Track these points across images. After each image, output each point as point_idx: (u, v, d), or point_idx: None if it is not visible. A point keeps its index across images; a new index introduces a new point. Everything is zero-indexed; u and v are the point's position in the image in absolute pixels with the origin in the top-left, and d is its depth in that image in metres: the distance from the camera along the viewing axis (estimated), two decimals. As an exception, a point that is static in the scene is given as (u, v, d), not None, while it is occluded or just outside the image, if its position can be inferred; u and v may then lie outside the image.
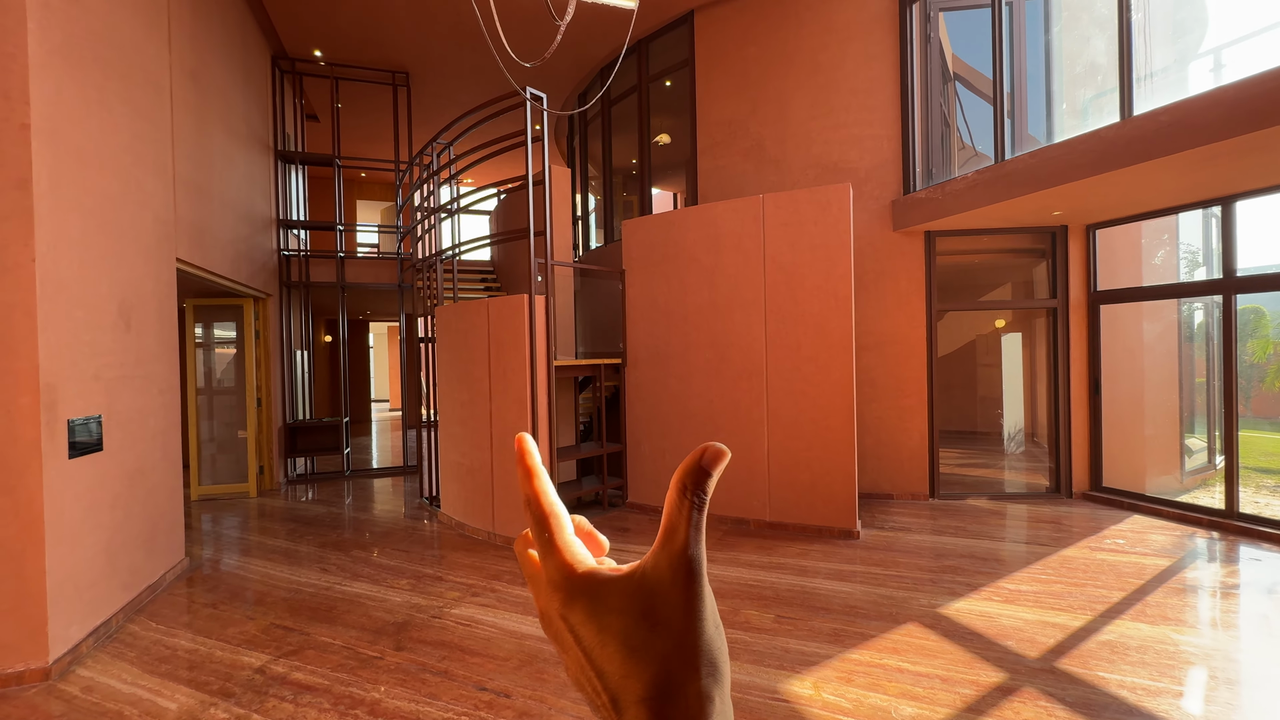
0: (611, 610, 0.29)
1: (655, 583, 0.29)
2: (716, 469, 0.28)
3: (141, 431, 3.81)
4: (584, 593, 0.30)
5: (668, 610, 0.28)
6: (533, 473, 0.33)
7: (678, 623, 0.28)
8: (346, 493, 6.78)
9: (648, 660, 0.28)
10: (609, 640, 0.29)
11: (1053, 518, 5.10)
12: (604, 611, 0.29)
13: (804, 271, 4.78)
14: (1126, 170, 4.00)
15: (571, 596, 0.30)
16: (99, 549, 3.31)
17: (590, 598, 0.30)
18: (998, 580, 3.75)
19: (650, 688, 0.27)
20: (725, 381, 5.10)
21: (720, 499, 5.13)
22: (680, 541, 0.28)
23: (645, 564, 0.30)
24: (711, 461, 0.28)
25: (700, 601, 0.29)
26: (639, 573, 0.30)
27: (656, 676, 0.27)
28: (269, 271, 6.76)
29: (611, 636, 0.29)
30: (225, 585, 4.03)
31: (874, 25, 5.78)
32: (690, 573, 0.28)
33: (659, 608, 0.28)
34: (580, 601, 0.30)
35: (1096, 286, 5.56)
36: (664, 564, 0.29)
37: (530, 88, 4.54)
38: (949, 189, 5.15)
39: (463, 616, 3.41)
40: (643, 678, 0.27)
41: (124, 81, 3.72)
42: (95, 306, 3.34)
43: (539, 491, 0.33)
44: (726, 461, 0.29)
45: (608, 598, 0.29)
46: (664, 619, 0.28)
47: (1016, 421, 7.82)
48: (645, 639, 0.28)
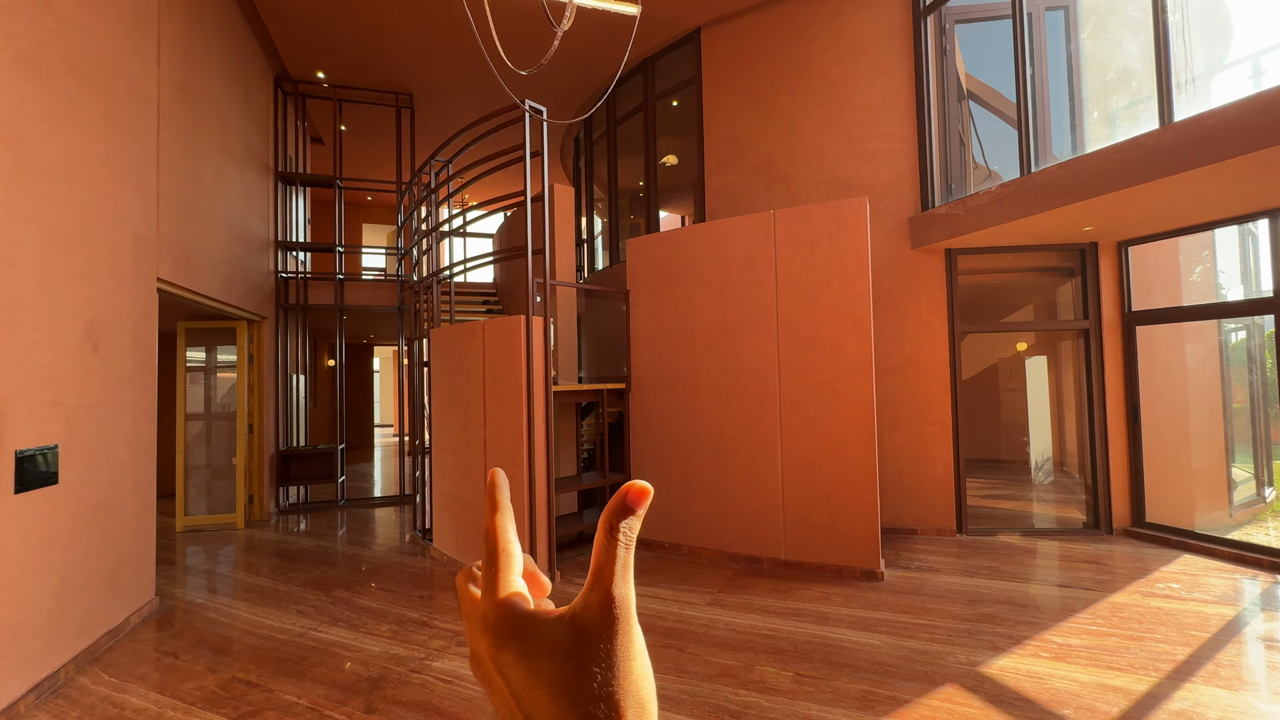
0: (541, 652, 0.29)
1: (584, 623, 0.29)
2: (641, 507, 0.30)
3: (107, 462, 3.55)
4: (515, 634, 0.30)
5: (596, 651, 0.28)
6: (498, 508, 0.34)
7: (605, 664, 0.28)
8: (339, 524, 6.47)
9: (575, 702, 0.27)
10: (538, 683, 0.28)
11: (1094, 557, 4.68)
12: (534, 653, 0.29)
13: (819, 291, 4.50)
14: (1168, 180, 3.70)
15: (503, 638, 0.30)
16: (48, 593, 3.02)
17: (521, 640, 0.30)
18: (1043, 632, 3.35)
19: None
20: (736, 408, 4.78)
21: (732, 535, 4.77)
22: (607, 581, 0.29)
23: (575, 606, 0.30)
24: (635, 500, 0.29)
25: (628, 640, 0.29)
26: (569, 615, 0.30)
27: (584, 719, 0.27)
28: (264, 293, 6.57)
29: (540, 679, 0.28)
30: (193, 630, 3.72)
31: (887, 38, 5.59)
32: (617, 612, 0.29)
33: (587, 649, 0.28)
34: (511, 643, 0.30)
35: (1131, 306, 5.21)
36: (593, 604, 0.29)
37: (530, 101, 4.36)
38: (971, 204, 4.87)
39: (445, 671, 3.06)
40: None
41: (103, 94, 3.56)
42: (56, 327, 3.11)
43: (498, 528, 0.34)
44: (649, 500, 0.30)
45: (538, 640, 0.29)
46: (592, 660, 0.28)
47: (1044, 450, 7.39)
48: (573, 681, 0.28)
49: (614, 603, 0.29)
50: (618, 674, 0.28)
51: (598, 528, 0.30)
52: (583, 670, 0.28)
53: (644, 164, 7.23)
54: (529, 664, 0.29)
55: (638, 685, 0.28)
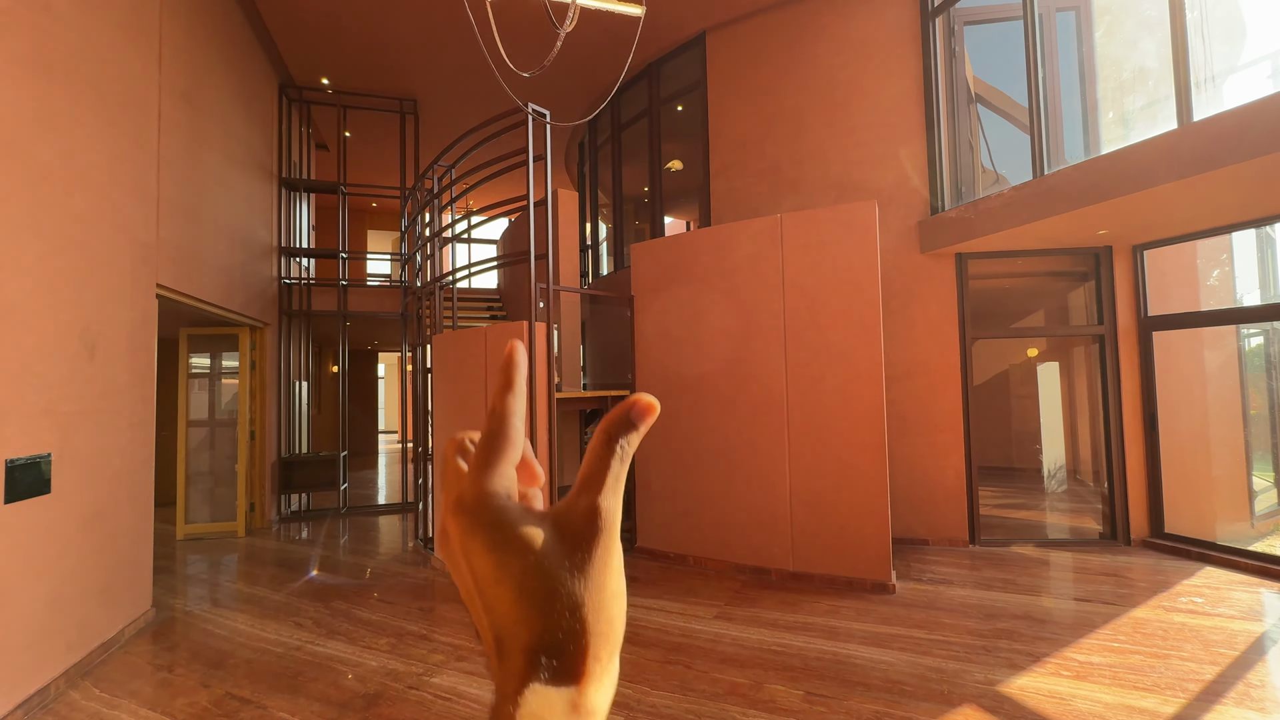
0: (512, 549, 0.27)
1: (564, 528, 0.28)
2: (644, 423, 0.29)
3: (103, 471, 3.49)
4: (489, 525, 0.27)
5: (571, 559, 0.27)
6: (511, 387, 0.31)
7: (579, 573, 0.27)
8: (340, 532, 6.40)
9: (540, 609, 0.26)
10: (504, 579, 0.27)
11: (1112, 569, 4.54)
12: (504, 548, 0.27)
13: (827, 296, 4.40)
14: (1186, 182, 3.60)
15: (475, 525, 0.28)
16: (40, 605, 2.95)
17: (494, 531, 0.27)
18: (1063, 649, 3.23)
19: (538, 638, 0.26)
20: (742, 415, 4.68)
21: (739, 545, 4.66)
22: (595, 491, 0.28)
23: (558, 508, 0.29)
24: (640, 415, 0.28)
25: (606, 555, 0.28)
26: (550, 516, 0.28)
27: (547, 628, 0.26)
28: (267, 300, 6.54)
29: (508, 576, 0.27)
30: (188, 642, 3.64)
31: (894, 41, 5.52)
32: (601, 523, 0.28)
33: (562, 555, 0.27)
34: (483, 533, 0.27)
35: (1147, 311, 5.09)
36: (578, 511, 0.28)
37: (533, 104, 4.31)
38: (982, 207, 4.78)
39: (443, 688, 2.97)
40: (533, 626, 0.26)
41: (102, 98, 3.53)
42: (51, 334, 3.05)
43: (508, 410, 0.30)
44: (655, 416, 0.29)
45: (512, 536, 0.27)
46: (565, 567, 0.27)
47: (1057, 458, 7.25)
48: (541, 585, 0.26)
49: (599, 513, 0.28)
50: (590, 586, 0.27)
51: (594, 435, 0.29)
52: (554, 576, 0.27)
53: (649, 169, 7.17)
54: (498, 558, 0.27)
55: (609, 602, 0.27)
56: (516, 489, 0.30)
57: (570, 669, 0.25)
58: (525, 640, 0.26)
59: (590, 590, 0.27)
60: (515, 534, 0.27)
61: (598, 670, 0.26)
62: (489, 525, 0.27)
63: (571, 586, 0.26)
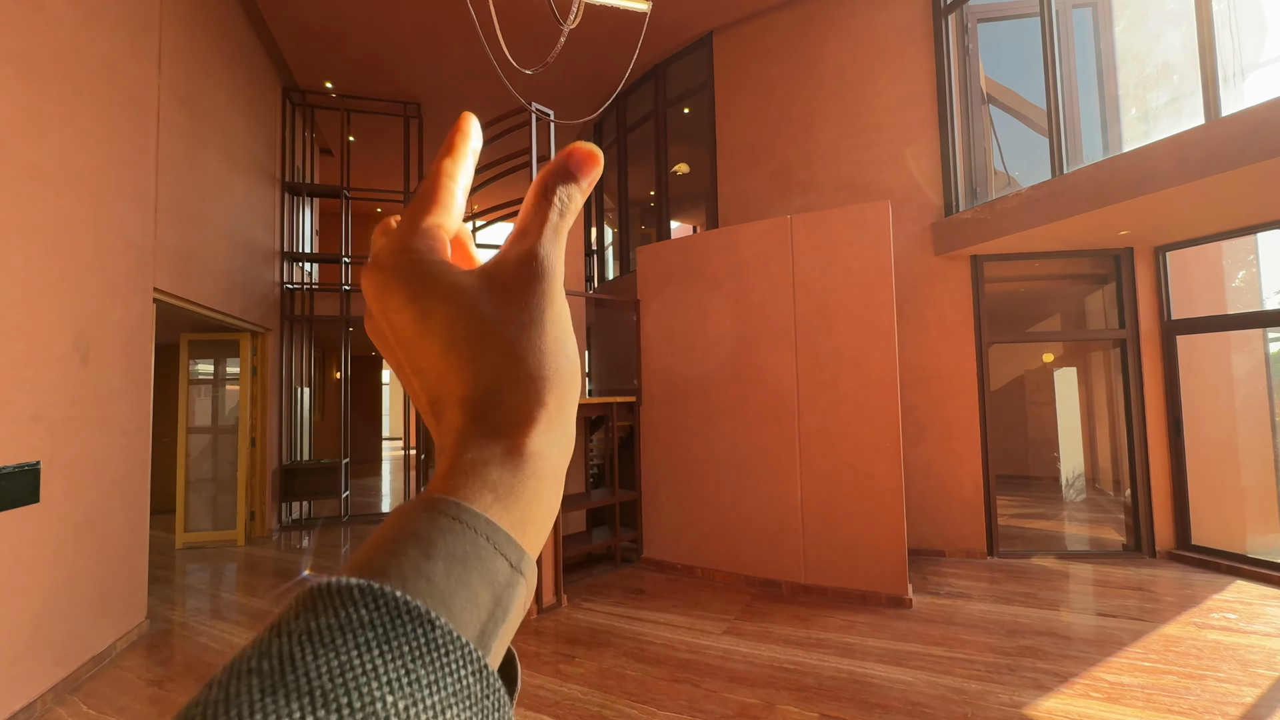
0: (434, 297, 0.24)
1: (494, 281, 0.25)
2: (585, 176, 0.26)
3: (96, 479, 3.40)
4: (405, 275, 0.25)
5: (505, 307, 0.25)
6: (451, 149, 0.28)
7: (514, 321, 0.24)
8: (342, 541, 6.30)
9: (470, 356, 0.24)
10: (427, 330, 0.24)
11: (1138, 583, 4.36)
12: (427, 297, 0.24)
13: (839, 299, 4.28)
14: (1213, 179, 3.46)
15: (390, 279, 0.25)
16: (26, 619, 2.85)
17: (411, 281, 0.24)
18: (1091, 668, 3.07)
19: (470, 387, 0.24)
20: (752, 423, 4.55)
21: (748, 557, 4.52)
22: (532, 239, 0.26)
23: (488, 263, 0.26)
24: (580, 165, 0.26)
25: (544, 300, 0.25)
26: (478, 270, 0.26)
27: (479, 374, 0.24)
28: (268, 305, 6.47)
29: (430, 326, 0.24)
30: (181, 656, 3.54)
31: (906, 39, 5.41)
32: (537, 268, 0.25)
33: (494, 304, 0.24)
34: (399, 284, 0.25)
35: (1170, 315, 4.93)
36: (510, 258, 0.26)
37: (537, 103, 4.22)
38: (999, 208, 4.64)
39: (441, 707, 2.84)
40: (464, 375, 0.24)
41: (98, 99, 3.46)
42: (41, 338, 2.97)
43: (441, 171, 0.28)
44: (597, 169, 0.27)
45: (435, 284, 0.24)
46: (498, 315, 0.24)
47: (1075, 466, 7.07)
48: (470, 332, 0.24)
49: (536, 258, 0.25)
50: (527, 332, 0.24)
51: (529, 189, 0.27)
52: (483, 321, 0.24)
53: (655, 172, 7.07)
54: (419, 309, 0.24)
55: (550, 348, 0.25)
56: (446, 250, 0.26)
57: (512, 418, 0.23)
58: (458, 391, 0.24)
59: (528, 336, 0.24)
60: (436, 281, 0.25)
61: (543, 417, 0.24)
62: (405, 276, 0.25)
63: (504, 331, 0.24)
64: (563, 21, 3.21)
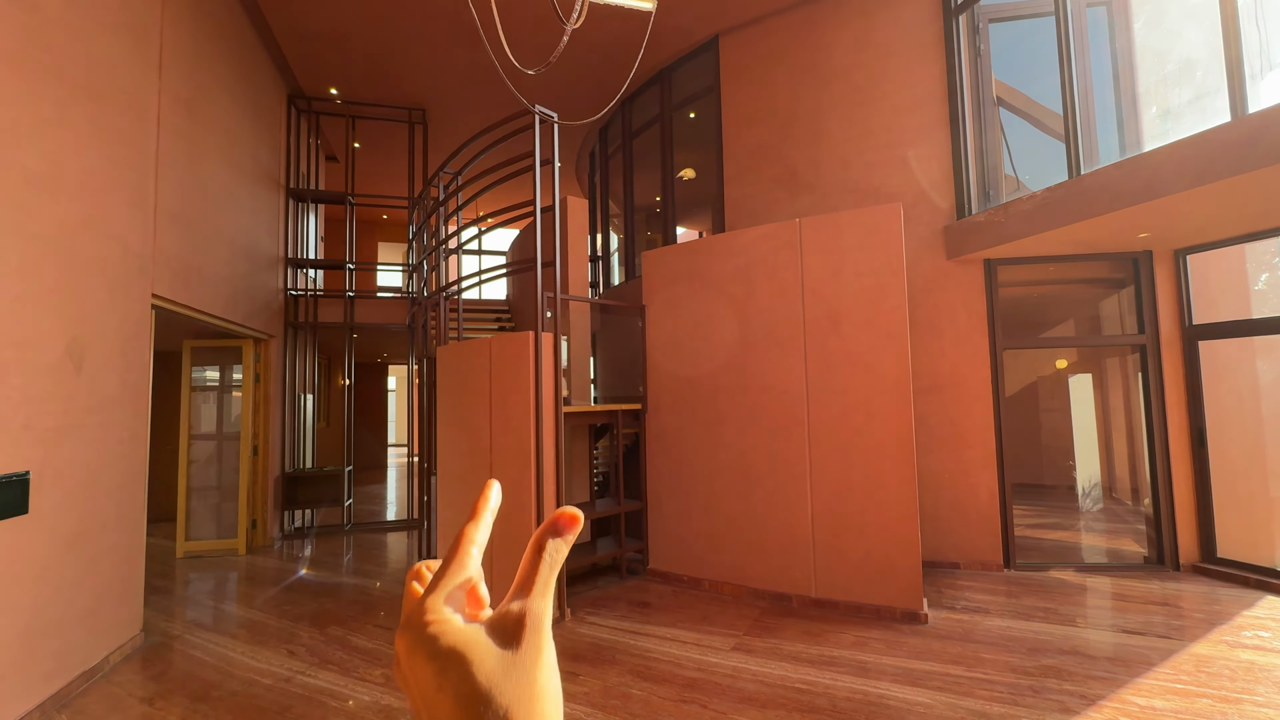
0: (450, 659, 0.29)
1: (495, 634, 0.30)
2: (568, 533, 0.33)
3: (89, 488, 3.33)
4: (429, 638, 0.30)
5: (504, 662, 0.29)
6: (475, 516, 0.35)
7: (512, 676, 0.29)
8: (344, 551, 6.20)
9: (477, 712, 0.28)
10: (445, 685, 0.29)
11: (1163, 598, 4.20)
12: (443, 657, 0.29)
13: (849, 304, 4.16)
14: (1239, 179, 3.33)
15: (417, 640, 0.30)
16: (13, 635, 2.77)
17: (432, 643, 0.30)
18: (1120, 690, 2.92)
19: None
20: (760, 430, 4.43)
21: (757, 569, 4.39)
22: (524, 595, 0.31)
23: (491, 617, 0.32)
24: (564, 526, 0.33)
25: (537, 654, 0.30)
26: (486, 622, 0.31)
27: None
28: (272, 311, 6.42)
29: (447, 682, 0.29)
30: (175, 671, 3.44)
31: (915, 40, 5.31)
32: (528, 622, 0.30)
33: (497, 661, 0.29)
34: (424, 646, 0.30)
35: (1192, 320, 4.78)
36: (510, 617, 0.31)
37: (540, 106, 4.15)
38: (1014, 210, 4.53)
39: (438, 728, 2.74)
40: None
41: (96, 102, 3.42)
42: (33, 345, 2.91)
43: (464, 536, 0.35)
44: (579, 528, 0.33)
45: (449, 647, 0.30)
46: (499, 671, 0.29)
47: (1091, 475, 6.88)
48: (477, 691, 0.28)
49: (526, 616, 0.31)
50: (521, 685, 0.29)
51: (529, 543, 0.33)
52: (488, 681, 0.28)
53: (661, 177, 7.00)
54: (437, 667, 0.29)
55: (539, 698, 0.29)
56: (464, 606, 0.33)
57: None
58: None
59: (521, 689, 0.29)
60: (452, 644, 0.30)
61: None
62: (429, 639, 0.30)
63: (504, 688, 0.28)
64: (565, 20, 3.13)
